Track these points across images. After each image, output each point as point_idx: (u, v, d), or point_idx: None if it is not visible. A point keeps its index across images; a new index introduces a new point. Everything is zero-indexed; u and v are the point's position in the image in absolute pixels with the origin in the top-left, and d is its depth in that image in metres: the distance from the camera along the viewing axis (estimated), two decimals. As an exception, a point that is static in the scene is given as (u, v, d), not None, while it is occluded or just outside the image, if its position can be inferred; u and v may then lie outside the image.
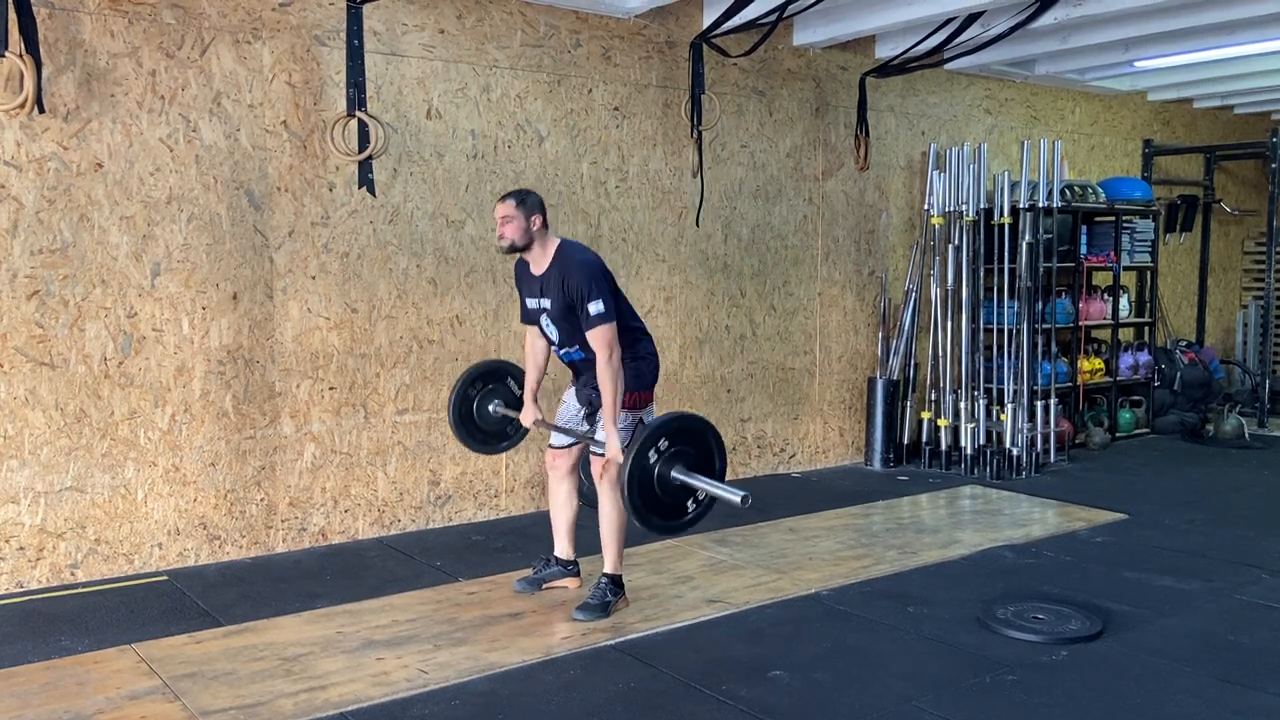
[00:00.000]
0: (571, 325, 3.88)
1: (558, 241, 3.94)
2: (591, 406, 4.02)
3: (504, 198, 3.89)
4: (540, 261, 3.92)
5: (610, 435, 3.77)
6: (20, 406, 4.22)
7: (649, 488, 3.51)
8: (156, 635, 3.78)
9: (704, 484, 3.53)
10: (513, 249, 3.90)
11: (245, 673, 3.45)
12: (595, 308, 3.75)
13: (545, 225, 3.91)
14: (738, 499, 3.43)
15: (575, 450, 4.17)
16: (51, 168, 4.22)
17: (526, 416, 4.23)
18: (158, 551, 4.56)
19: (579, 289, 3.78)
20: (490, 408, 4.38)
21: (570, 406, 4.16)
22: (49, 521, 4.31)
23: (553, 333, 3.99)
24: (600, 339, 3.77)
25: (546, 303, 3.92)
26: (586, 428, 4.08)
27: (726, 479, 3.68)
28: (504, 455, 5.47)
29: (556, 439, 4.19)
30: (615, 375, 3.77)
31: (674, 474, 3.52)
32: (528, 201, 3.86)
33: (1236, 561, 4.76)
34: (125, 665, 3.51)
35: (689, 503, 3.62)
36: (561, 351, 4.03)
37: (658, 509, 3.56)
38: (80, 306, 4.32)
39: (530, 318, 4.08)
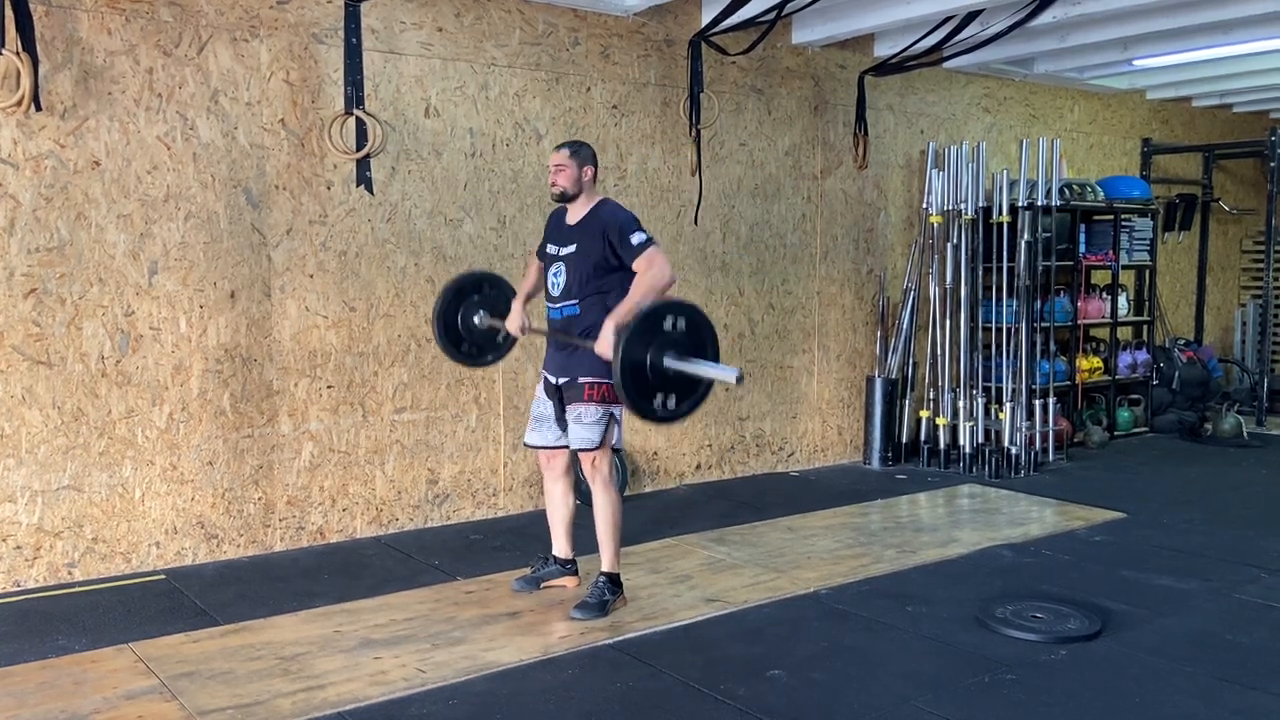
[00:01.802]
0: (584, 273, 3.89)
1: (601, 197, 4.05)
2: (560, 393, 4.01)
3: (559, 147, 4.02)
4: (579, 211, 3.99)
5: (606, 330, 3.68)
6: (17, 405, 4.21)
7: (641, 375, 3.44)
8: (154, 634, 3.77)
9: (696, 367, 3.48)
10: (563, 197, 3.99)
11: (243, 672, 3.44)
12: (638, 237, 3.85)
13: (595, 179, 4.02)
14: (732, 377, 3.38)
15: (569, 450, 4.15)
16: (48, 166, 4.21)
17: (513, 323, 4.18)
18: (155, 550, 4.56)
19: (620, 226, 3.86)
20: (476, 319, 4.30)
21: (541, 402, 4.15)
22: (46, 520, 4.31)
23: (559, 281, 3.97)
24: (647, 259, 3.81)
25: (570, 248, 3.94)
26: (560, 433, 4.07)
27: (725, 477, 3.67)
28: (502, 454, 5.48)
29: (535, 439, 4.16)
30: (654, 281, 3.77)
31: (667, 362, 3.46)
32: (581, 152, 3.99)
33: (1235, 560, 4.76)
34: (122, 664, 3.50)
35: (684, 389, 3.54)
36: (557, 306, 4.00)
37: (649, 396, 3.49)
38: (77, 305, 4.31)
39: (544, 259, 4.11)
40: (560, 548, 4.29)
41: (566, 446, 4.09)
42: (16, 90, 3.98)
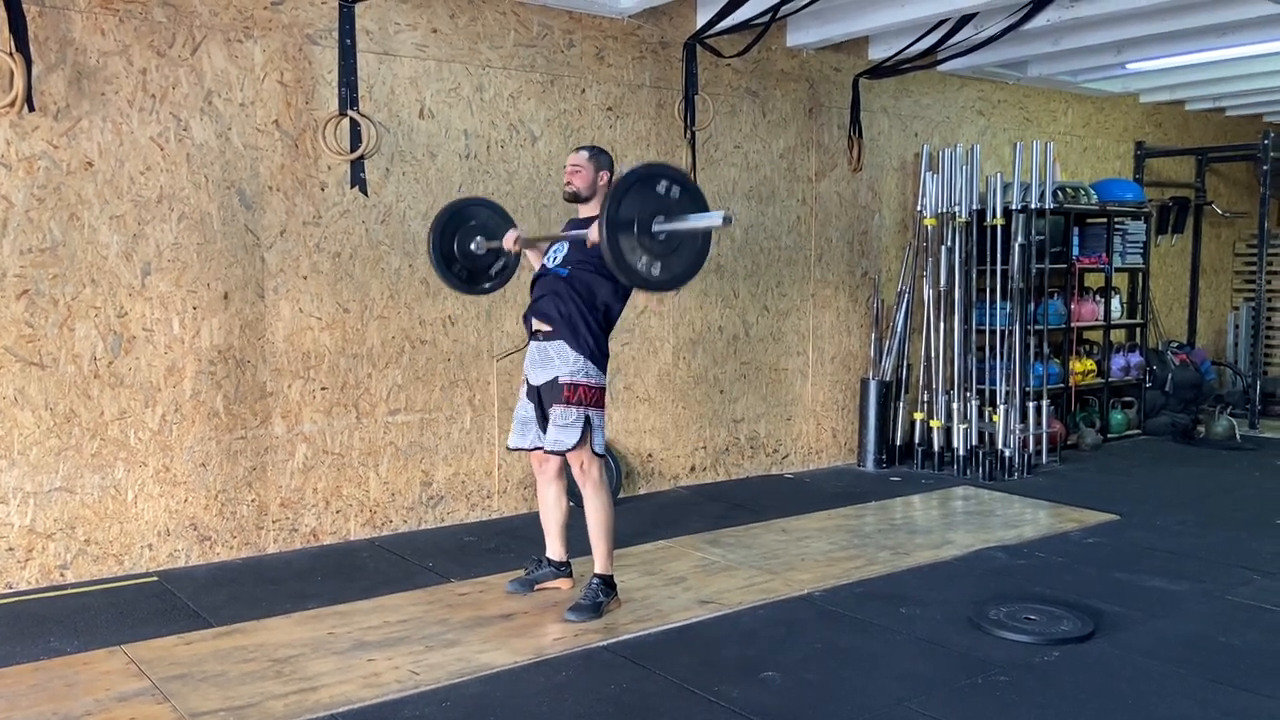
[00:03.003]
0: (582, 252, 3.90)
1: None
2: (539, 395, 4.03)
3: (579, 149, 4.09)
4: (589, 213, 3.99)
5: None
6: (9, 406, 4.20)
7: (643, 258, 3.46)
8: (146, 636, 3.76)
9: (685, 224, 3.48)
10: (576, 198, 4.02)
11: (235, 674, 3.43)
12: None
13: (610, 184, 3.99)
14: (719, 220, 3.40)
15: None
16: (41, 166, 4.20)
17: (509, 239, 4.19)
18: (148, 552, 4.54)
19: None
20: (472, 245, 4.31)
21: (524, 408, 4.15)
22: (38, 522, 4.29)
23: (558, 255, 4.00)
24: None
25: (577, 233, 3.95)
26: (539, 433, 4.07)
27: (720, 479, 3.68)
28: (496, 456, 5.47)
29: (517, 441, 4.17)
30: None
31: (655, 229, 3.45)
32: (600, 158, 4.02)
33: (1227, 563, 4.77)
34: (114, 666, 3.49)
35: (682, 246, 3.55)
36: (550, 264, 4.02)
37: (658, 267, 3.50)
38: (70, 306, 4.30)
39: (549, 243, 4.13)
40: (554, 550, 4.28)
41: (539, 448, 4.11)
42: (10, 91, 3.97)
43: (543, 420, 4.06)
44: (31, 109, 4.07)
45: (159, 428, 4.53)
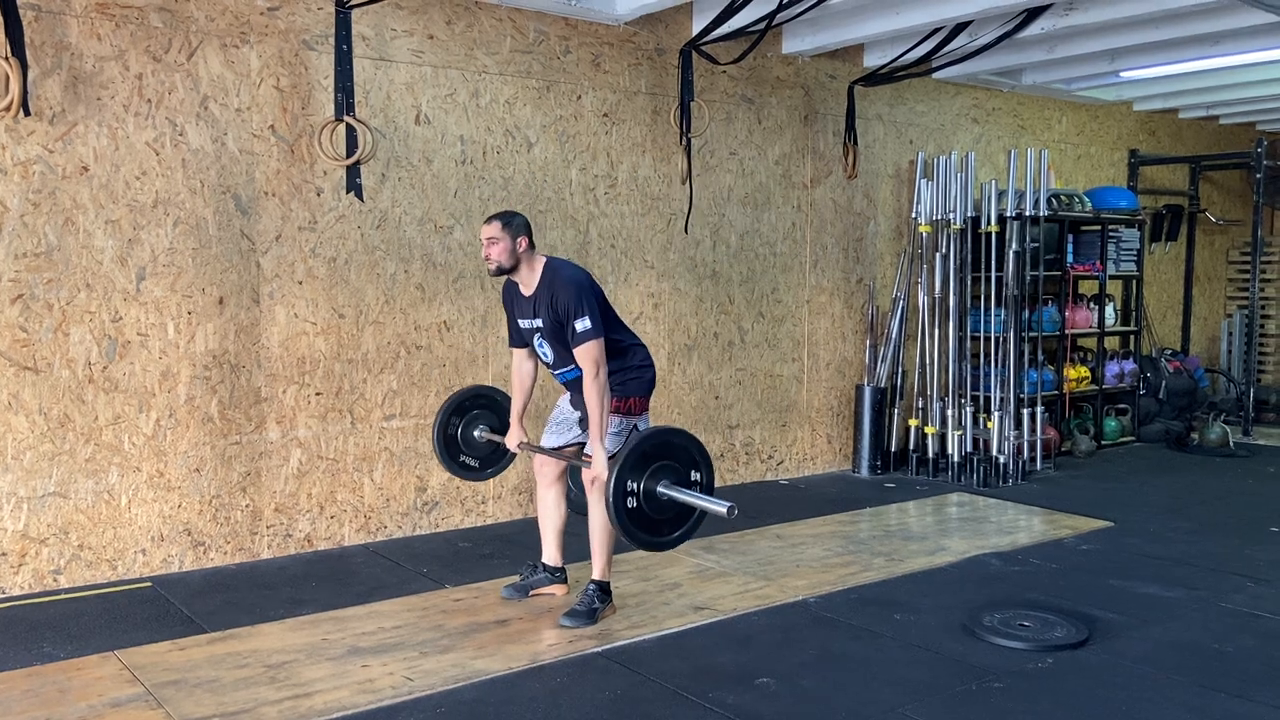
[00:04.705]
0: (565, 344, 3.88)
1: (544, 260, 3.94)
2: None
3: (489, 220, 3.90)
4: (529, 281, 3.93)
5: (597, 452, 3.77)
6: (3, 411, 4.19)
7: (635, 504, 3.51)
8: (140, 642, 3.75)
9: (689, 497, 3.53)
10: (500, 271, 3.91)
11: (229, 680, 3.43)
12: (581, 324, 3.77)
13: (531, 245, 3.92)
14: (723, 510, 3.43)
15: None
16: (37, 171, 4.20)
17: (511, 440, 4.24)
18: (141, 558, 4.53)
19: (566, 306, 3.79)
20: (475, 433, 4.38)
21: (564, 409, 4.16)
22: (32, 527, 4.28)
23: (547, 353, 3.99)
24: (587, 356, 3.78)
25: (539, 322, 3.92)
26: (579, 432, 4.09)
27: (715, 486, 3.69)
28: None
29: (554, 440, 4.18)
30: (601, 392, 3.78)
31: (660, 489, 3.52)
32: (513, 223, 3.86)
33: (1221, 569, 4.78)
34: (108, 672, 3.48)
35: (676, 518, 3.61)
36: (558, 372, 4.03)
37: (644, 525, 3.55)
38: (65, 310, 4.29)
39: (522, 340, 4.09)
40: (550, 555, 4.28)
41: (582, 445, 4.10)
42: (5, 95, 3.97)
43: (585, 423, 4.05)
44: (27, 113, 4.07)
45: (153, 433, 4.52)
